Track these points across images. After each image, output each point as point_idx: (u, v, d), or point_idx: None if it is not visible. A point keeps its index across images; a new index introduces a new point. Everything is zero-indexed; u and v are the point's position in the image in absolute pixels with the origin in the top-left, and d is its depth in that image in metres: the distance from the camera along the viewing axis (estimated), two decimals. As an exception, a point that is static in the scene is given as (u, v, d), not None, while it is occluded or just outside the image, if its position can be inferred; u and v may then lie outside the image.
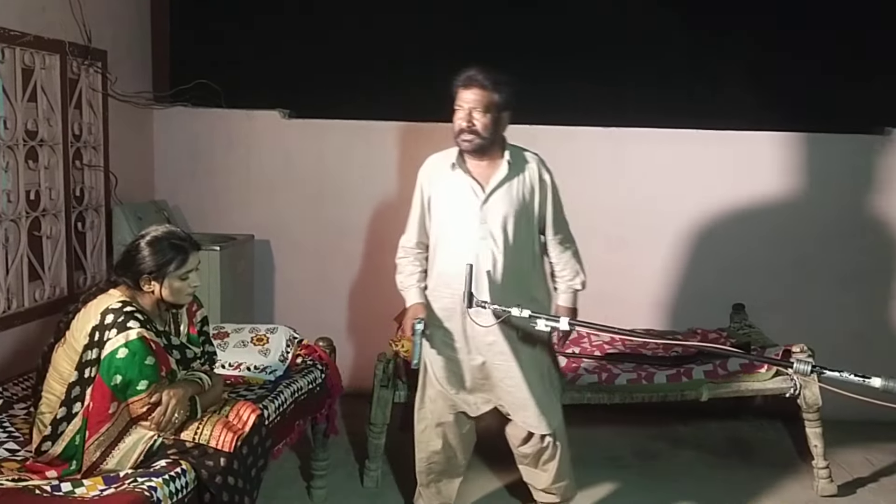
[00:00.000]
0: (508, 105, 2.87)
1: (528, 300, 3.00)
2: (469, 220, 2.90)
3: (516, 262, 2.94)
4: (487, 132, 2.83)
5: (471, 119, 2.82)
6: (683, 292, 4.63)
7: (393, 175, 4.53)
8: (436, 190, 2.97)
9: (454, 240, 2.93)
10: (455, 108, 2.87)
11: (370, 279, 4.58)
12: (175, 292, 2.53)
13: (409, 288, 3.07)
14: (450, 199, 2.93)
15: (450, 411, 3.09)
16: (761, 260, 4.61)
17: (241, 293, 4.47)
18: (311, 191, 4.70)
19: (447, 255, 2.95)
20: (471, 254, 2.88)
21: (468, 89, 2.82)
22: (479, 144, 2.85)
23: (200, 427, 2.51)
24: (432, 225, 3.00)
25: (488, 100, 2.81)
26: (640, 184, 4.62)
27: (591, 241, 4.55)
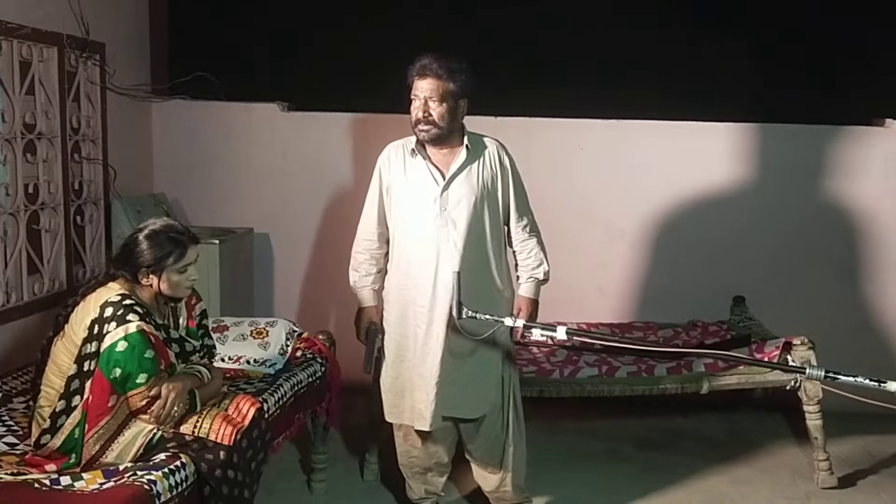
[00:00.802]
0: (465, 92, 2.85)
1: (492, 290, 2.99)
2: (429, 208, 2.87)
3: (479, 251, 2.92)
4: (444, 122, 2.82)
5: (427, 109, 2.80)
6: (683, 284, 4.63)
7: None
8: (395, 177, 2.94)
9: (414, 228, 2.89)
10: (411, 98, 2.85)
11: (370, 272, 4.57)
12: (173, 286, 2.52)
13: (364, 289, 3.04)
14: (409, 186, 2.90)
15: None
16: (761, 251, 4.61)
17: (241, 286, 4.47)
18: (310, 184, 4.69)
19: (407, 243, 2.92)
20: (431, 242, 2.86)
21: (423, 79, 2.80)
22: (436, 134, 2.84)
23: (200, 420, 2.50)
24: (392, 213, 2.96)
25: (444, 89, 2.79)
26: (637, 175, 4.62)
27: (589, 233, 4.66)
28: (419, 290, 2.89)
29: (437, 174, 2.90)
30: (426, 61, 2.81)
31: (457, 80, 2.81)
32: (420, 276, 2.88)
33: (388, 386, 3.04)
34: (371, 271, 3.04)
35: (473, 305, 2.88)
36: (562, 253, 4.24)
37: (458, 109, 2.86)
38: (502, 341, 3.01)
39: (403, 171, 2.93)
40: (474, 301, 2.90)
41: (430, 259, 2.88)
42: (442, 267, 2.87)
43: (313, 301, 4.74)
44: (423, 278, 2.88)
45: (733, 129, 4.59)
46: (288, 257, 4.75)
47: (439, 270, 2.87)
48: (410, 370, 2.97)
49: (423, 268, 2.89)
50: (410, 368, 2.97)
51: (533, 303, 3.09)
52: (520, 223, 3.03)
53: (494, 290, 3.03)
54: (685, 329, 4.40)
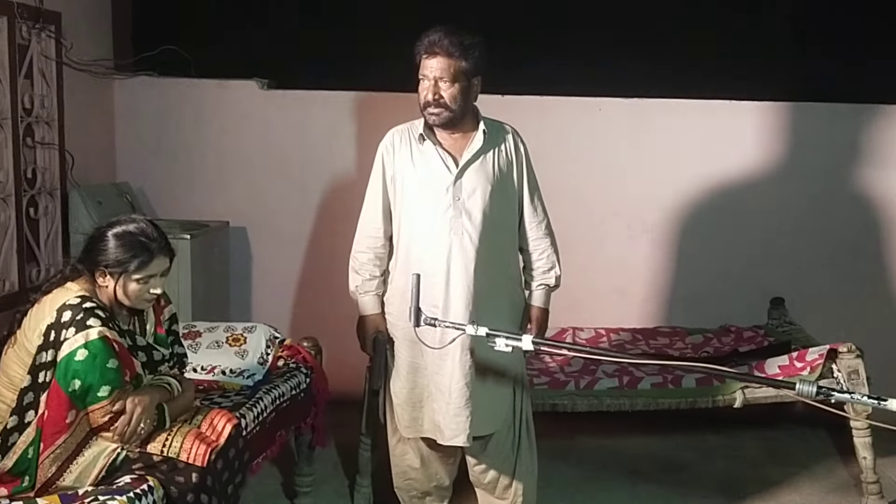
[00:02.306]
0: (478, 70, 2.87)
1: (512, 291, 3.03)
2: (441, 198, 2.89)
3: (496, 245, 2.95)
4: (457, 104, 2.84)
5: (437, 90, 2.82)
6: (714, 284, 4.64)
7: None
8: (401, 165, 2.94)
9: (424, 221, 2.91)
10: (419, 79, 2.86)
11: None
12: (131, 295, 2.52)
13: (367, 295, 3.04)
14: (418, 174, 2.92)
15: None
16: (803, 247, 4.62)
17: (215, 287, 4.47)
18: (294, 171, 4.70)
19: (416, 238, 2.93)
20: (443, 235, 2.88)
21: (432, 57, 2.82)
22: (448, 118, 2.86)
23: (169, 438, 2.50)
24: (397, 207, 2.97)
25: (456, 68, 2.81)
26: (663, 161, 4.64)
27: (609, 228, 4.66)
28: (431, 289, 2.88)
29: (450, 160, 2.91)
30: (435, 37, 2.81)
31: (470, 57, 2.82)
32: (431, 273, 2.88)
33: (403, 398, 3.04)
34: (375, 274, 3.03)
35: (491, 309, 2.92)
36: (578, 250, 4.28)
37: (472, 89, 2.88)
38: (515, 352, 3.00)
39: (410, 158, 2.94)
40: (492, 304, 2.94)
41: (441, 254, 2.89)
42: (455, 262, 2.88)
43: (297, 304, 4.74)
44: (435, 276, 2.88)
45: (769, 109, 4.59)
46: (268, 254, 4.75)
47: (452, 266, 2.89)
48: (427, 379, 2.98)
49: (435, 264, 2.89)
50: (427, 377, 2.98)
51: (544, 313, 3.09)
52: (534, 219, 3.05)
53: (514, 292, 3.05)
54: (717, 335, 4.41)
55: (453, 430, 2.94)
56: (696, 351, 4.27)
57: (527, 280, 3.11)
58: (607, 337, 4.41)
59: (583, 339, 4.39)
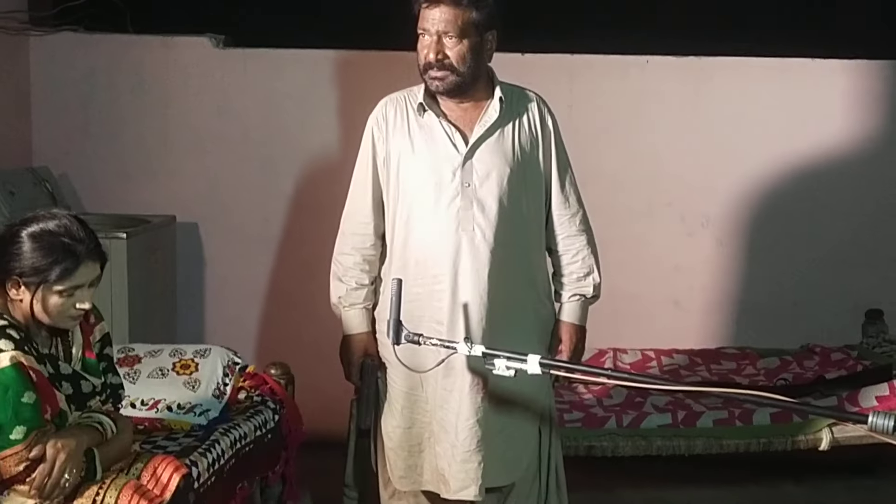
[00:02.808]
0: (493, 22, 2.87)
1: (535, 303, 3.01)
2: (446, 184, 2.89)
3: (516, 244, 2.95)
4: (465, 65, 2.84)
5: (441, 48, 2.83)
6: (794, 294, 4.65)
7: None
8: (396, 143, 2.95)
9: (424, 213, 2.91)
10: (418, 34, 2.86)
11: (344, 278, 4.58)
12: (51, 310, 2.51)
13: (353, 309, 3.03)
14: (417, 155, 2.92)
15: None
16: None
17: (159, 299, 4.45)
18: (258, 151, 4.69)
19: (415, 235, 2.93)
20: (449, 232, 2.88)
21: (434, 6, 2.82)
22: (454, 83, 2.86)
23: (101, 492, 2.47)
24: (391, 197, 2.97)
25: (464, 19, 2.81)
26: (726, 136, 4.65)
27: (659, 222, 4.66)
28: (434, 300, 2.88)
29: (458, 136, 2.91)
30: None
31: (482, 5, 2.82)
32: (434, 281, 2.89)
33: (397, 440, 3.02)
34: (363, 282, 3.02)
35: (512, 326, 2.90)
36: (619, 250, 4.26)
37: (484, 46, 2.88)
38: (540, 380, 2.96)
39: (407, 133, 2.94)
40: (512, 320, 2.93)
41: (447, 256, 2.88)
42: (465, 266, 2.88)
43: (263, 320, 4.74)
44: (439, 284, 2.89)
45: (861, 69, 4.59)
46: (226, 258, 4.75)
47: (461, 271, 2.88)
48: (428, 416, 2.98)
49: (439, 268, 2.89)
50: (428, 413, 2.97)
51: (579, 331, 3.08)
52: (565, 211, 3.03)
53: (540, 304, 3.04)
54: (797, 357, 4.42)
55: (461, 481, 2.91)
56: (770, 378, 4.27)
57: (557, 289, 3.09)
58: (657, 361, 4.43)
59: (626, 364, 4.40)
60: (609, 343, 4.43)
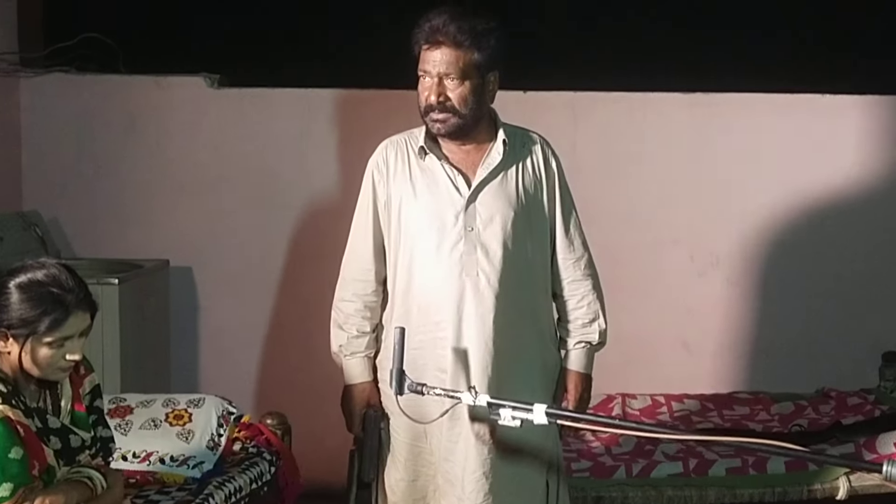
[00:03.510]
0: (495, 63, 2.89)
1: (542, 351, 3.02)
2: (449, 228, 2.91)
3: (521, 289, 2.96)
4: (467, 107, 2.86)
5: (442, 90, 2.85)
6: (808, 335, 4.63)
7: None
8: (397, 187, 2.97)
9: (427, 259, 2.93)
10: (419, 75, 2.89)
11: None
12: (40, 363, 2.52)
13: (355, 358, 3.03)
14: (419, 199, 2.94)
15: None
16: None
17: (151, 348, 4.45)
18: (253, 193, 4.71)
19: (417, 281, 2.94)
20: (452, 277, 2.89)
21: (436, 48, 2.84)
22: (456, 125, 2.88)
23: (92, 549, 2.47)
24: (393, 241, 2.99)
25: (466, 61, 2.83)
26: (736, 173, 4.65)
27: (668, 261, 4.66)
28: (437, 348, 2.89)
29: (460, 180, 2.94)
30: (439, 22, 2.83)
31: (484, 46, 2.84)
32: (437, 328, 2.89)
33: (401, 494, 3.02)
34: (365, 329, 3.03)
35: (517, 375, 2.90)
36: (626, 291, 4.28)
37: (487, 87, 2.91)
38: (546, 428, 2.96)
39: (408, 177, 2.96)
40: (518, 369, 2.93)
41: (450, 301, 2.89)
42: (469, 312, 2.89)
43: (259, 368, 4.74)
44: (443, 331, 2.90)
45: (876, 105, 4.60)
46: (221, 303, 4.75)
47: (465, 317, 2.89)
48: (434, 468, 2.96)
49: (442, 314, 2.90)
50: (433, 466, 2.97)
51: (585, 380, 3.08)
52: (569, 255, 3.04)
53: (547, 351, 3.04)
54: (813, 402, 4.39)
55: None
56: (785, 424, 4.25)
57: (562, 336, 3.10)
58: (667, 406, 4.40)
59: (636, 410, 4.37)
60: (617, 388, 4.41)
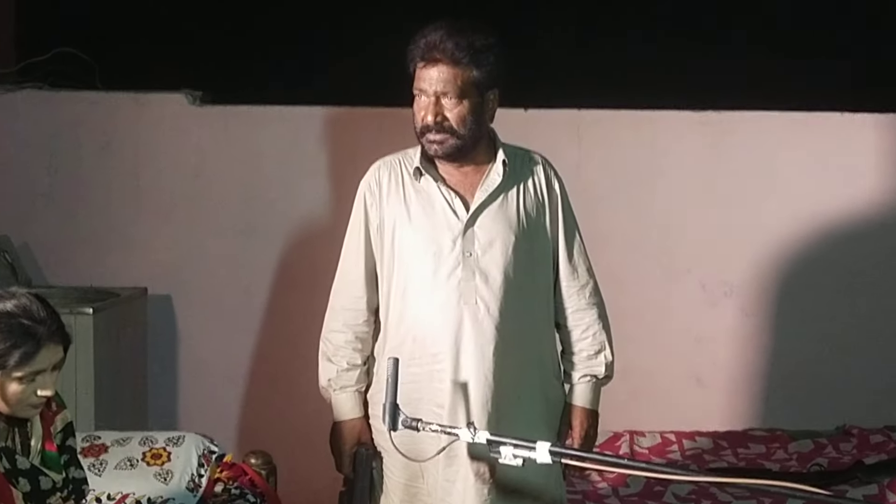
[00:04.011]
0: (495, 81, 2.91)
1: (545, 385, 3.02)
2: (446, 254, 2.91)
3: (524, 318, 2.97)
4: (466, 127, 2.87)
5: (440, 110, 2.86)
6: (828, 369, 4.61)
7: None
8: (391, 211, 2.98)
9: (423, 286, 2.93)
10: (414, 94, 2.90)
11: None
12: (10, 397, 2.49)
13: (345, 393, 3.03)
14: (414, 223, 2.95)
15: None
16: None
17: (128, 382, 4.44)
18: (238, 217, 4.70)
19: (412, 311, 2.95)
20: (450, 306, 2.89)
21: (432, 65, 2.85)
22: (454, 146, 2.89)
23: None
24: (386, 268, 3.00)
25: (464, 78, 2.85)
26: (751, 197, 4.64)
27: (678, 290, 4.64)
28: (434, 381, 2.90)
29: (458, 202, 2.94)
30: (435, 38, 2.84)
31: (483, 63, 2.86)
32: (434, 360, 2.90)
33: None
34: (356, 362, 3.03)
35: (519, 410, 2.91)
36: (635, 322, 4.28)
37: (486, 107, 2.93)
38: (549, 468, 2.93)
39: (403, 200, 2.97)
40: (520, 403, 2.93)
41: (447, 331, 2.90)
42: (467, 343, 2.89)
43: (243, 404, 4.72)
44: (439, 362, 2.90)
45: (895, 123, 4.61)
46: (202, 334, 4.73)
47: (464, 348, 2.89)
48: None
49: (439, 345, 2.90)
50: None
51: (591, 416, 3.08)
52: (573, 282, 3.05)
53: (551, 385, 3.04)
54: (833, 440, 4.37)
55: None
56: (803, 463, 4.24)
57: (565, 369, 3.09)
58: (678, 445, 4.38)
59: (644, 449, 4.35)
60: (625, 425, 4.39)
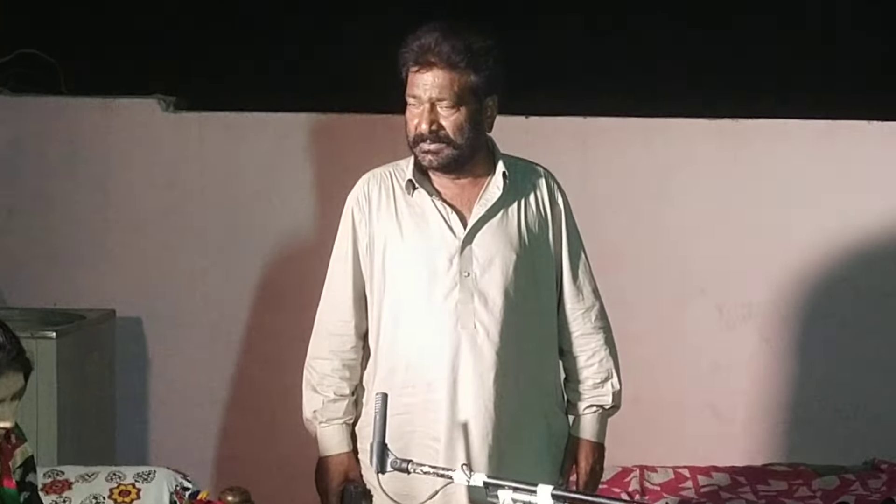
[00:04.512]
0: (494, 86, 2.92)
1: (548, 416, 3.04)
2: (441, 274, 2.92)
3: (525, 343, 2.98)
4: (464, 136, 2.88)
5: (435, 118, 2.86)
6: (855, 399, 4.59)
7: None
8: (381, 226, 2.97)
9: (417, 309, 2.94)
10: (407, 100, 2.91)
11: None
12: None
13: (331, 425, 3.02)
14: (408, 238, 2.95)
15: None
16: None
17: (94, 410, 4.43)
18: (214, 233, 4.69)
19: (404, 336, 2.95)
20: (446, 332, 2.90)
21: (426, 70, 2.85)
22: (451, 157, 2.89)
23: None
24: (376, 289, 2.99)
25: (461, 84, 2.85)
26: (771, 211, 4.62)
27: (692, 313, 4.67)
28: (429, 412, 2.91)
29: (454, 218, 2.95)
30: (430, 40, 2.84)
31: (481, 67, 2.86)
32: (429, 389, 2.91)
33: None
34: (343, 392, 3.02)
35: (522, 444, 2.92)
36: (646, 348, 4.33)
37: (484, 114, 2.94)
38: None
39: (395, 215, 2.97)
40: (523, 436, 2.94)
41: (444, 357, 2.90)
42: (465, 370, 2.89)
43: (219, 436, 4.70)
44: (435, 392, 2.91)
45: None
46: (175, 359, 4.71)
47: (461, 376, 2.89)
48: None
49: (434, 373, 2.91)
50: None
51: (596, 450, 3.08)
52: (577, 305, 3.05)
53: (554, 415, 3.04)
54: (860, 476, 4.32)
55: None
56: (829, 501, 4.20)
57: (569, 398, 3.10)
58: (692, 481, 4.32)
59: (656, 486, 4.32)
60: (635, 459, 4.35)
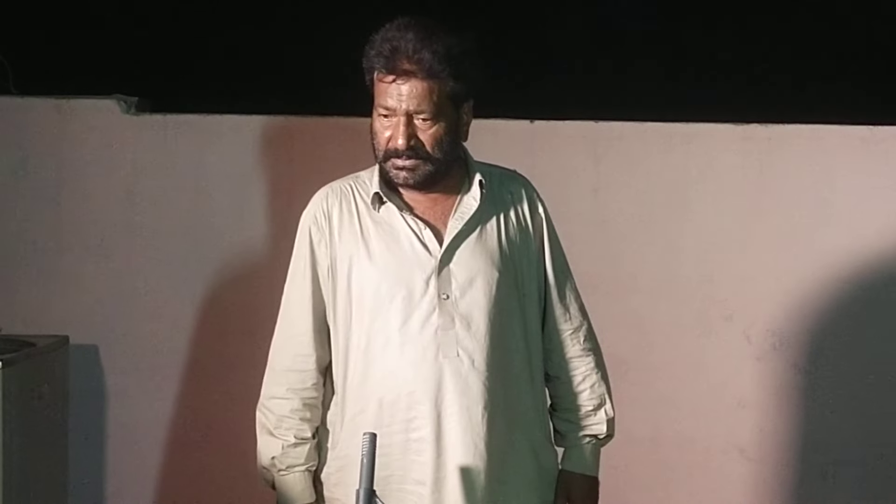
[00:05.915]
0: (472, 91, 2.92)
1: (539, 451, 3.04)
2: (417, 298, 2.91)
3: (513, 369, 2.98)
4: (441, 150, 2.88)
5: (412, 131, 2.85)
6: (892, 438, 4.60)
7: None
8: (345, 247, 2.97)
9: (390, 341, 2.91)
10: (377, 111, 2.89)
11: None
12: None
13: (292, 472, 3.01)
14: (377, 260, 2.94)
15: None
16: None
17: (44, 448, 4.43)
18: (177, 248, 4.72)
19: (377, 368, 2.93)
20: (426, 363, 2.89)
21: (404, 80, 2.82)
22: (427, 174, 2.89)
23: None
24: (339, 318, 2.99)
25: (440, 93, 2.84)
26: (802, 225, 4.65)
27: (715, 341, 4.67)
28: (411, 453, 2.91)
29: (429, 235, 2.94)
30: (405, 45, 2.81)
31: (461, 73, 2.85)
32: (410, 427, 2.91)
33: None
34: (304, 435, 3.01)
35: (512, 480, 2.93)
36: (666, 380, 4.37)
37: (461, 121, 2.94)
38: None
39: (359, 234, 2.98)
40: (512, 471, 2.95)
41: (425, 391, 2.89)
42: (450, 404, 2.89)
43: (181, 474, 4.70)
44: (417, 430, 2.91)
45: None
46: (134, 391, 4.73)
47: (446, 411, 2.89)
48: None
49: (415, 409, 2.90)
50: None
51: (589, 484, 3.09)
52: (566, 324, 3.07)
53: (544, 447, 3.05)
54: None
55: None
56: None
57: (558, 428, 3.11)
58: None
59: (674, 534, 4.35)
60: (653, 503, 4.44)
